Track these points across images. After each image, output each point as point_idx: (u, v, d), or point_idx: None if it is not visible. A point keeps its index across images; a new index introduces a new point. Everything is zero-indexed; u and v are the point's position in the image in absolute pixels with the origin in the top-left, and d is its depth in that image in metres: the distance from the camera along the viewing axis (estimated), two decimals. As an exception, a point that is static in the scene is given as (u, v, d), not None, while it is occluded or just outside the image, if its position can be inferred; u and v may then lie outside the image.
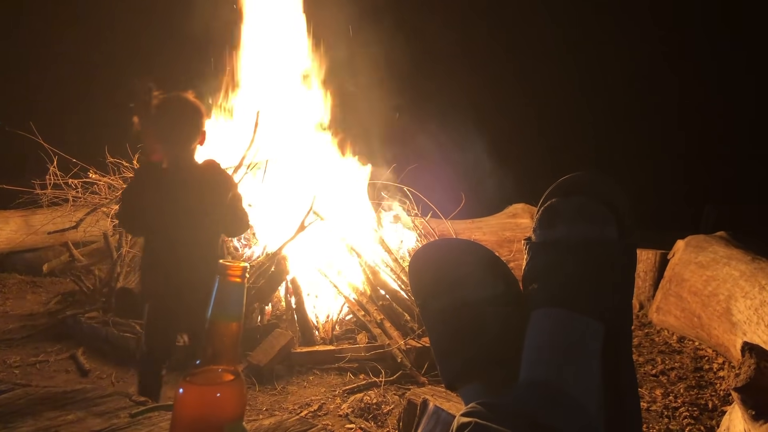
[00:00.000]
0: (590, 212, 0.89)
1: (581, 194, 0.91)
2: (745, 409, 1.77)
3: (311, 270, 3.45)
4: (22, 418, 1.00)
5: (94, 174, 3.83)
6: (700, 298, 3.50)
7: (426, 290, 1.00)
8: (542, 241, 0.92)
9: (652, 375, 3.13)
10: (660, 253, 4.26)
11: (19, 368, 2.86)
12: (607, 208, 0.90)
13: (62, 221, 4.00)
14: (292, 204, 3.58)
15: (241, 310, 0.72)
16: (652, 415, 2.61)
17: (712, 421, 2.56)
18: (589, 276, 0.87)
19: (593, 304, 0.85)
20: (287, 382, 2.81)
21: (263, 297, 3.18)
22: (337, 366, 2.96)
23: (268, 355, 2.83)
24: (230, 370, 0.71)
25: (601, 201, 0.90)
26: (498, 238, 5.38)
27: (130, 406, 1.10)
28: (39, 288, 4.45)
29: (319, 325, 3.22)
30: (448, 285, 0.97)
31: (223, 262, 0.71)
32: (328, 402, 2.62)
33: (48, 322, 3.51)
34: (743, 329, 2.93)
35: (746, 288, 3.08)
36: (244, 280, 0.72)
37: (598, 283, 0.87)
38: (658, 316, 4.00)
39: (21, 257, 4.85)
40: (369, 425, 2.38)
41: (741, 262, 3.35)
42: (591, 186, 0.92)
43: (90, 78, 6.98)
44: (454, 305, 0.95)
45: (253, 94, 4.23)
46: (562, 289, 0.87)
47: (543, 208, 0.93)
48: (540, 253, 0.92)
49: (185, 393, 0.69)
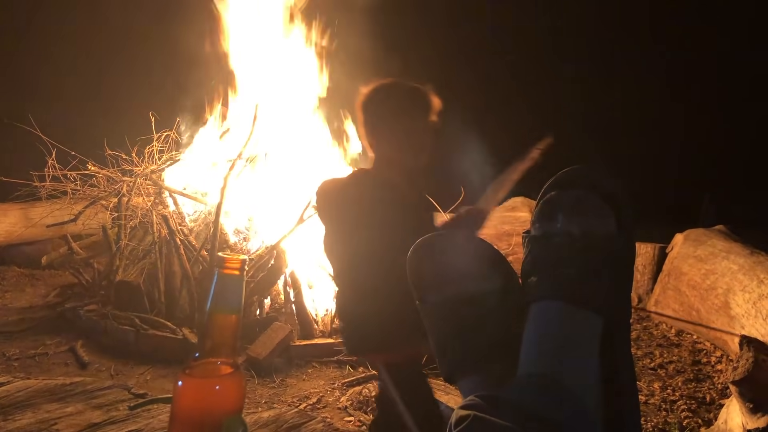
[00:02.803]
0: (589, 206, 0.89)
1: (580, 188, 0.91)
2: (742, 402, 1.78)
3: (310, 263, 3.45)
4: (22, 411, 1.00)
5: (92, 167, 3.82)
6: (698, 291, 3.51)
7: (425, 284, 1.00)
8: (541, 234, 0.92)
9: (650, 368, 3.14)
10: (659, 246, 4.27)
11: (18, 361, 2.87)
12: (606, 201, 0.90)
13: (61, 214, 3.99)
14: (291, 197, 3.57)
15: (240, 303, 0.72)
16: (650, 408, 2.62)
17: (710, 414, 2.57)
18: (588, 269, 0.87)
19: (592, 297, 0.85)
20: (286, 375, 2.82)
21: (262, 290, 3.19)
22: (336, 359, 2.97)
23: (267, 348, 2.83)
24: (229, 362, 0.71)
25: (599, 194, 0.90)
26: (497, 231, 5.38)
27: (129, 399, 1.10)
28: (38, 281, 4.45)
29: (318, 318, 3.23)
30: (447, 278, 0.97)
31: (222, 255, 0.71)
32: (327, 395, 2.63)
33: (47, 314, 3.51)
34: (741, 322, 2.94)
35: (745, 281, 3.09)
36: (242, 272, 0.72)
37: (596, 276, 0.87)
38: (657, 310, 4.00)
39: (20, 250, 4.85)
40: (368, 418, 2.38)
41: (739, 256, 3.35)
42: (589, 179, 0.92)
43: (90, 70, 6.96)
44: (452, 298, 0.96)
45: (251, 87, 4.22)
46: (561, 283, 0.87)
47: (542, 202, 0.93)
48: (539, 247, 0.92)
49: (184, 386, 0.69)
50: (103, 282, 3.52)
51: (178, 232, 3.36)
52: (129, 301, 3.18)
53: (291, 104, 4.14)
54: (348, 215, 1.58)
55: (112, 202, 3.74)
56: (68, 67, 7.00)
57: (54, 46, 6.91)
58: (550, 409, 0.74)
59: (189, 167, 3.98)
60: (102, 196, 3.81)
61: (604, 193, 0.90)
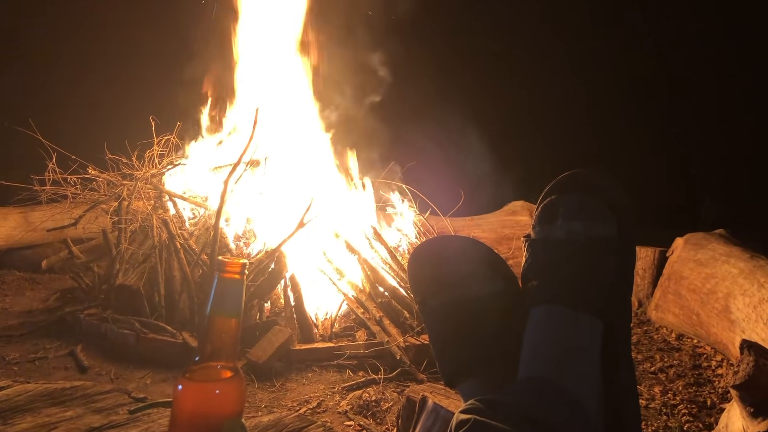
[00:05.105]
0: (589, 209, 0.89)
1: (580, 191, 0.91)
2: (743, 407, 1.78)
3: (310, 267, 3.45)
4: (21, 415, 1.00)
5: (93, 170, 3.83)
6: (698, 295, 3.50)
7: (425, 287, 1.00)
8: (541, 238, 0.92)
9: (650, 372, 3.14)
10: (659, 250, 4.27)
11: (18, 365, 2.86)
12: (606, 205, 0.90)
13: (61, 218, 3.99)
14: (291, 201, 3.57)
15: (239, 307, 0.72)
16: (650, 412, 2.62)
17: (711, 418, 2.57)
18: (589, 273, 0.87)
19: (592, 301, 0.85)
20: (286, 379, 2.82)
21: (262, 294, 3.18)
22: (336, 363, 2.96)
23: (267, 352, 2.83)
24: (229, 366, 0.71)
25: (600, 198, 0.90)
26: (497, 235, 5.39)
27: (129, 403, 1.10)
28: (38, 285, 4.44)
29: (318, 323, 3.23)
30: (448, 282, 0.97)
31: (222, 258, 0.71)
32: (327, 399, 2.63)
33: (47, 318, 3.50)
34: (742, 327, 2.93)
35: (745, 285, 3.09)
36: (243, 276, 0.72)
37: (597, 280, 0.87)
38: (657, 314, 4.00)
39: (20, 254, 4.84)
40: (368, 422, 2.38)
41: (740, 260, 3.35)
42: (590, 183, 0.92)
43: (89, 73, 6.97)
44: (453, 302, 0.96)
45: (252, 92, 4.23)
46: (562, 287, 0.87)
47: (542, 205, 0.93)
48: (539, 251, 0.92)
49: (184, 390, 0.69)
50: (103, 286, 3.51)
51: (179, 235, 3.36)
52: (129, 305, 3.17)
53: (291, 107, 4.15)
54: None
55: (112, 206, 3.74)
56: (69, 71, 7.01)
57: (56, 50, 6.92)
58: (551, 413, 0.74)
59: (189, 171, 3.98)
60: (102, 200, 3.80)
61: (605, 197, 0.90)
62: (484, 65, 9.17)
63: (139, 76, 6.77)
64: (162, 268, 3.29)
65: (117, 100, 6.58)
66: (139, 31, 6.73)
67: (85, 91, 6.81)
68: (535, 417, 0.73)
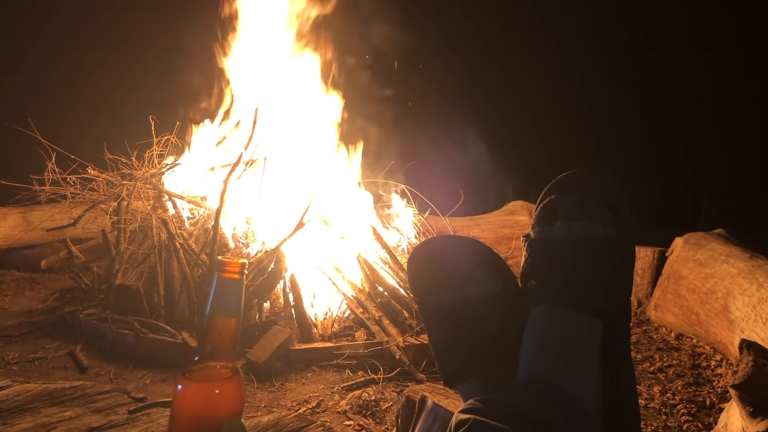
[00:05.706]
0: (589, 209, 0.89)
1: (580, 191, 0.91)
2: (742, 406, 1.78)
3: (310, 267, 3.45)
4: (21, 415, 1.00)
5: (92, 170, 3.82)
6: (698, 295, 3.50)
7: (424, 287, 1.00)
8: (541, 238, 0.92)
9: (650, 372, 3.14)
10: (658, 250, 4.27)
11: (17, 365, 2.86)
12: (606, 205, 0.90)
13: (61, 218, 3.99)
14: (291, 201, 3.57)
15: (239, 307, 0.72)
16: (650, 411, 2.62)
17: (710, 418, 2.57)
18: (588, 273, 0.87)
19: (592, 301, 0.85)
20: (286, 379, 2.82)
21: (262, 294, 3.18)
22: (336, 363, 2.96)
23: (266, 352, 2.83)
24: (229, 366, 0.71)
25: (599, 198, 0.90)
26: (496, 235, 5.39)
27: (128, 403, 1.10)
28: (37, 285, 4.45)
29: (317, 322, 3.23)
30: (447, 282, 0.97)
31: (222, 258, 0.71)
32: (327, 399, 2.63)
33: (46, 318, 3.50)
34: (741, 326, 2.93)
35: (744, 285, 3.09)
36: (242, 276, 0.72)
37: (596, 280, 0.87)
38: (657, 314, 4.00)
39: (19, 254, 4.85)
40: (367, 422, 2.38)
41: (739, 260, 3.35)
42: (589, 183, 0.92)
43: (88, 75, 6.96)
44: (452, 302, 0.95)
45: (250, 90, 4.22)
46: (561, 287, 0.87)
47: (541, 205, 0.93)
48: (539, 250, 0.92)
49: (183, 390, 0.69)
50: (103, 286, 3.51)
51: (178, 235, 3.36)
52: (128, 305, 3.17)
53: (291, 107, 4.14)
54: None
55: (111, 205, 3.74)
56: (69, 72, 7.01)
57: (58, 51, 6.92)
58: (550, 413, 0.74)
59: (189, 171, 3.98)
60: (102, 200, 3.80)
61: (604, 197, 0.90)
62: (484, 65, 9.17)
63: (139, 76, 6.77)
64: (161, 268, 3.29)
65: (117, 101, 6.58)
66: (140, 37, 6.74)
67: (85, 92, 6.81)
68: (534, 417, 0.73)
